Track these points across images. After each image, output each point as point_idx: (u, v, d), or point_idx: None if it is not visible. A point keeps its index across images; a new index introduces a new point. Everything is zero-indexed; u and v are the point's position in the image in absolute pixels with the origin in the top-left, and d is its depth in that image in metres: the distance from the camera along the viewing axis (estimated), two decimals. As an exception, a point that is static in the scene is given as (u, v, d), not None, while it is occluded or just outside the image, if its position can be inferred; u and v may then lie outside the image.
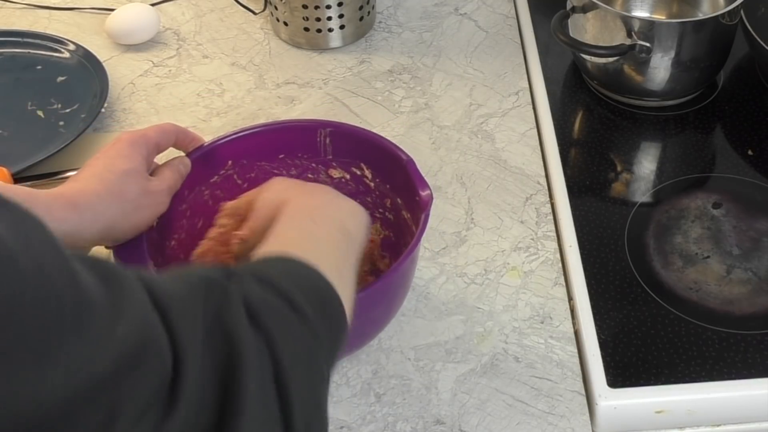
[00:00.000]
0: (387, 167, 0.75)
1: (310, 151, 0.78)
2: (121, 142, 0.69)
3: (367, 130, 0.77)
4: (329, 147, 0.78)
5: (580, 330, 0.77)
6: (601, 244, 0.85)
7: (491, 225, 0.86)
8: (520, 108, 0.99)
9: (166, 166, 0.73)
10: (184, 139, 0.75)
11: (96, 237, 0.65)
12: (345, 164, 0.79)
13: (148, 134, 0.71)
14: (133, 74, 1.05)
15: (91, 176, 0.66)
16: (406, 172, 0.72)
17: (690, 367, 0.75)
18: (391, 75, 1.04)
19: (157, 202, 0.70)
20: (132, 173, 0.67)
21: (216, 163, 0.77)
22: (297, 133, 0.78)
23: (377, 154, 0.76)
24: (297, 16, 1.04)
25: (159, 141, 0.72)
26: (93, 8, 1.14)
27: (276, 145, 0.78)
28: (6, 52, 1.05)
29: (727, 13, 0.94)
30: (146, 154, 0.70)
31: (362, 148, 0.77)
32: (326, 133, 0.77)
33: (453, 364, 0.75)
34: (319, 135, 0.77)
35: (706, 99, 1.02)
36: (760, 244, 0.85)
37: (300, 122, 0.81)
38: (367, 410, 0.72)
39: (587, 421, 0.71)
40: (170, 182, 0.72)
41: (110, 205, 0.65)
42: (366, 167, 0.77)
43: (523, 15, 1.12)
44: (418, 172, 0.72)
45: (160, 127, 0.73)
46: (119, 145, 0.69)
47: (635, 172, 0.95)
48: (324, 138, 0.77)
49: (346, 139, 0.77)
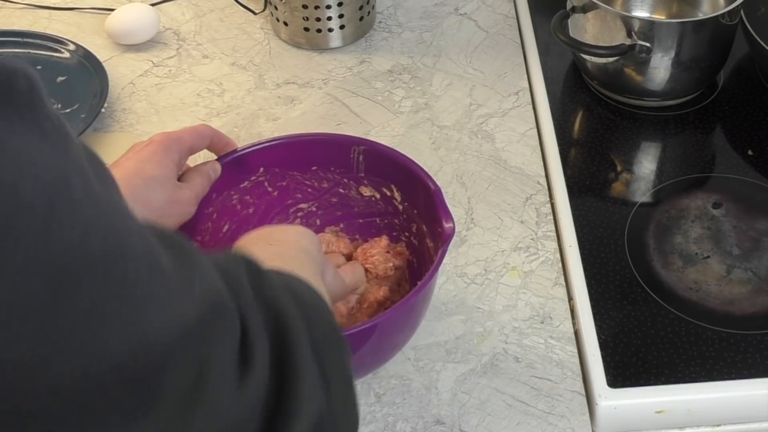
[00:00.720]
0: (416, 192, 0.74)
1: (343, 166, 0.78)
2: (155, 144, 0.69)
3: (400, 153, 0.76)
4: (362, 164, 0.77)
5: (580, 330, 0.77)
6: (601, 244, 0.85)
7: (491, 225, 0.86)
8: (520, 108, 0.99)
9: (196, 171, 0.72)
10: (218, 142, 0.75)
11: None
12: (376, 183, 0.78)
13: (182, 137, 0.71)
14: (133, 74, 1.05)
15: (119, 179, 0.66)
16: (433, 201, 0.71)
17: (690, 367, 0.75)
18: (391, 75, 1.04)
19: (183, 212, 0.70)
20: (161, 180, 0.67)
21: (248, 169, 0.77)
22: (331, 147, 0.77)
23: (407, 178, 0.74)
24: (297, 16, 1.04)
25: (193, 144, 0.72)
26: (93, 8, 1.14)
27: (309, 156, 0.78)
28: (6, 52, 1.05)
29: (727, 13, 0.94)
30: (178, 159, 0.70)
31: (394, 170, 0.75)
32: (360, 150, 0.76)
33: (453, 364, 0.75)
34: (353, 152, 0.77)
35: (706, 99, 1.02)
36: (760, 244, 0.85)
37: (335, 136, 0.80)
38: (367, 410, 0.72)
39: (587, 421, 0.71)
40: (198, 189, 0.71)
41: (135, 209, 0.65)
42: (396, 189, 0.76)
43: (523, 15, 1.12)
44: (444, 203, 0.70)
45: (195, 129, 0.73)
46: (152, 147, 0.68)
47: (635, 172, 0.95)
48: (357, 155, 0.77)
49: (379, 159, 0.76)
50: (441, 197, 0.71)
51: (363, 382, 0.73)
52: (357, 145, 0.77)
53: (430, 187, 0.72)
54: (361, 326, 0.63)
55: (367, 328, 0.63)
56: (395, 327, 0.68)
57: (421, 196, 0.73)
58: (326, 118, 0.98)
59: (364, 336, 0.64)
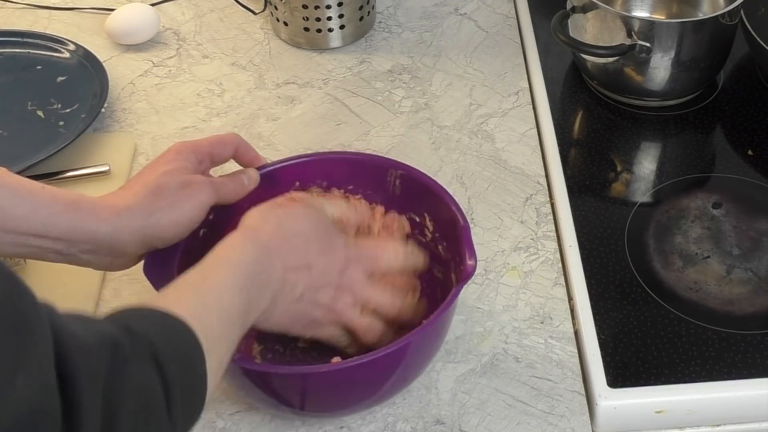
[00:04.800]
0: (447, 224, 0.73)
1: (380, 187, 0.77)
2: (169, 151, 0.69)
3: (436, 182, 0.74)
4: (398, 188, 0.76)
5: (580, 330, 0.77)
6: (601, 244, 0.85)
7: (491, 225, 0.86)
8: (520, 108, 0.99)
9: (229, 175, 0.72)
10: (245, 153, 0.74)
11: (134, 238, 0.65)
12: (409, 208, 0.76)
13: (200, 143, 0.71)
14: (133, 74, 1.05)
15: (134, 182, 0.68)
16: (460, 236, 0.70)
17: (690, 367, 0.75)
18: (391, 75, 1.04)
19: (197, 192, 0.67)
20: (171, 172, 0.67)
21: (283, 183, 0.76)
22: (369, 168, 0.77)
23: (440, 208, 0.74)
24: (297, 16, 1.04)
25: (212, 151, 0.71)
26: (93, 8, 1.14)
27: (346, 175, 0.77)
28: (6, 52, 1.05)
29: (727, 13, 0.94)
30: (194, 159, 0.69)
31: (428, 198, 0.75)
32: (397, 174, 0.76)
33: (453, 364, 0.75)
34: (390, 175, 0.76)
35: (706, 99, 1.02)
36: (760, 244, 0.85)
37: (373, 158, 0.79)
38: (367, 410, 0.72)
39: (587, 421, 0.71)
40: (218, 181, 0.70)
41: (146, 204, 0.65)
42: (428, 218, 0.75)
43: (523, 15, 1.12)
44: (470, 239, 0.69)
45: (219, 137, 0.73)
46: (166, 153, 0.69)
47: (635, 172, 0.95)
48: (394, 179, 0.76)
49: (415, 185, 0.75)
50: (468, 234, 0.69)
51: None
52: (395, 169, 0.76)
53: (459, 222, 0.70)
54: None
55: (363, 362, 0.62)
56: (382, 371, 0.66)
57: (451, 229, 0.72)
58: (326, 118, 0.98)
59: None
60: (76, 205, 0.64)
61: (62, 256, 0.65)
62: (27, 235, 0.62)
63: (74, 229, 0.63)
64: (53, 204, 0.63)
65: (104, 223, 0.64)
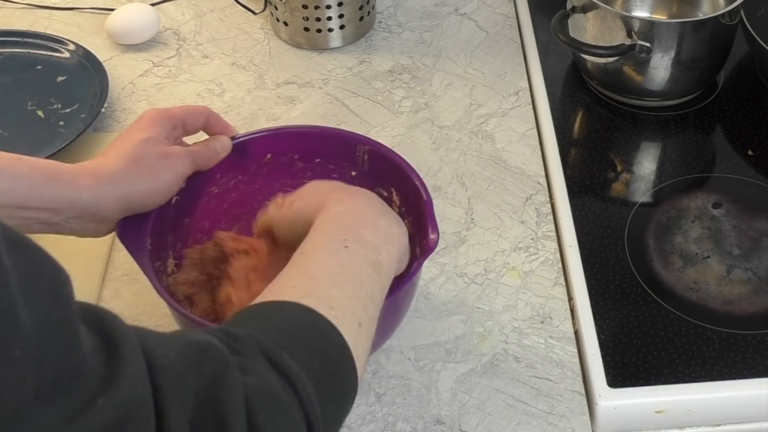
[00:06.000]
0: (411, 199, 0.74)
1: (349, 161, 0.78)
2: (143, 118, 0.70)
3: (401, 158, 0.75)
4: (366, 163, 0.77)
5: (580, 330, 0.77)
6: (601, 244, 0.85)
7: (491, 225, 0.86)
8: (520, 108, 0.99)
9: (201, 142, 0.73)
10: (215, 124, 0.75)
11: (117, 205, 0.66)
12: (377, 183, 0.77)
13: (172, 111, 0.72)
14: (133, 74, 1.05)
15: (111, 150, 0.68)
16: (424, 210, 0.71)
17: (690, 367, 0.75)
18: (391, 75, 1.04)
19: (176, 164, 0.69)
20: (148, 141, 0.68)
21: (255, 154, 0.78)
22: (338, 142, 0.78)
23: (406, 184, 0.74)
24: (297, 16, 1.04)
25: (185, 119, 0.72)
26: (93, 8, 1.14)
27: (317, 148, 0.78)
28: (6, 52, 1.05)
29: (727, 13, 0.94)
30: (168, 126, 0.70)
31: (395, 174, 0.75)
32: (365, 150, 0.77)
33: (453, 364, 0.75)
34: (359, 150, 0.77)
35: (706, 99, 1.02)
36: (760, 244, 0.85)
37: (342, 132, 0.80)
38: (367, 410, 0.72)
39: (587, 421, 0.71)
40: (194, 150, 0.72)
41: (128, 172, 0.66)
42: (396, 193, 0.76)
43: (523, 15, 1.12)
44: (432, 213, 0.70)
45: (190, 107, 0.74)
46: (140, 121, 0.70)
47: (635, 172, 0.95)
48: (363, 154, 0.77)
49: (382, 161, 0.76)
50: (431, 208, 0.70)
51: (363, 382, 0.73)
52: (363, 144, 0.77)
53: (423, 196, 0.72)
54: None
55: None
56: None
57: (416, 204, 0.73)
58: (326, 118, 0.98)
59: None
60: (55, 174, 0.64)
61: (48, 226, 0.65)
62: (10, 208, 0.63)
63: (56, 198, 0.64)
64: (32, 174, 0.63)
65: (86, 191, 0.65)
